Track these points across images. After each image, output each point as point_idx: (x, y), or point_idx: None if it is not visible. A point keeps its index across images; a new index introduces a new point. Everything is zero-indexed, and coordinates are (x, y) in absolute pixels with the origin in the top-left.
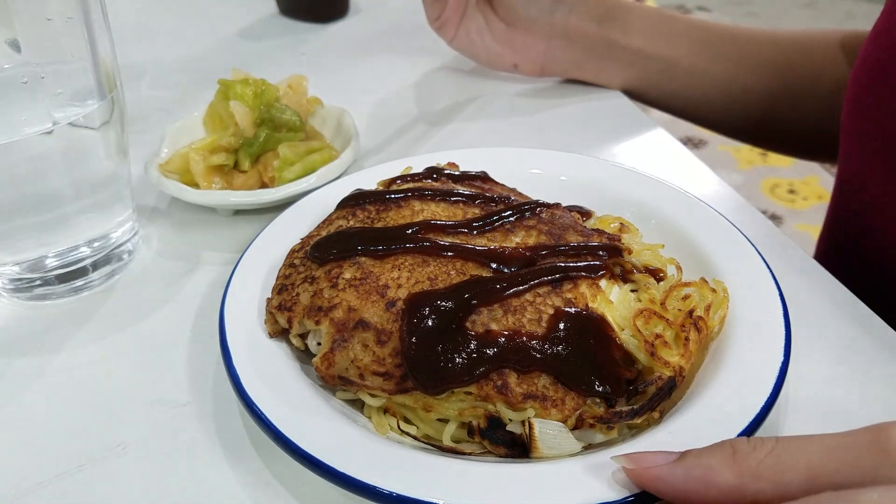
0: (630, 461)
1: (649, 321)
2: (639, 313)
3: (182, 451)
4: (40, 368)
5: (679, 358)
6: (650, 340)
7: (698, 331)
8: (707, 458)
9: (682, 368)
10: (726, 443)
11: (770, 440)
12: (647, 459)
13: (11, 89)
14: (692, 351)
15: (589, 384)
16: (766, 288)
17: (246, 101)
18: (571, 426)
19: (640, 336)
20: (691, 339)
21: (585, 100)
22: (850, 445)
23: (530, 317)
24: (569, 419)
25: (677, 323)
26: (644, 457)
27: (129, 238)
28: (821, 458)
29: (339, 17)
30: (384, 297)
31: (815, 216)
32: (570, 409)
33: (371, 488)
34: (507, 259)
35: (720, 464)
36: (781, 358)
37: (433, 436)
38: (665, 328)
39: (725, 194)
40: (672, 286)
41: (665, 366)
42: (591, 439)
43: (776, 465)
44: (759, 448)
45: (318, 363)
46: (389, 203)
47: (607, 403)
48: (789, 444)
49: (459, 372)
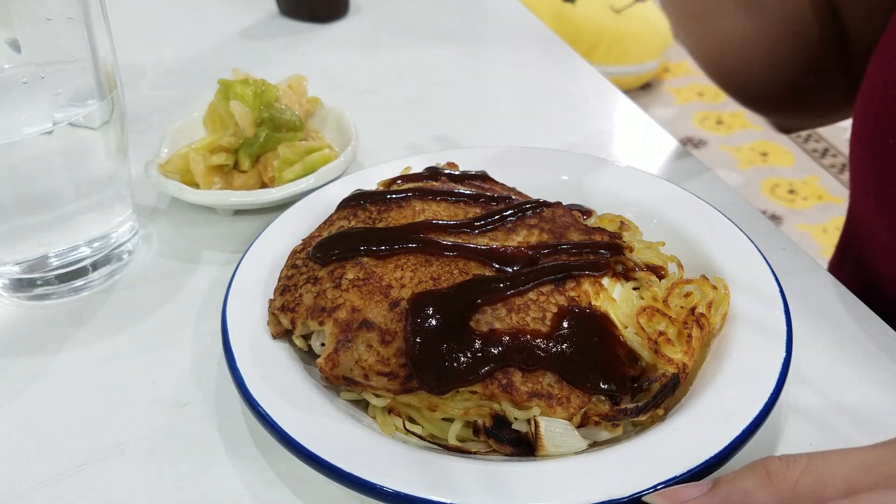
0: (665, 499)
1: (652, 318)
2: (641, 311)
3: (182, 451)
4: (40, 368)
5: (682, 355)
6: (653, 338)
7: (700, 328)
8: (741, 482)
9: (685, 365)
10: (758, 464)
11: (802, 457)
12: (681, 494)
13: (11, 89)
14: (695, 348)
15: (594, 382)
16: (768, 287)
17: (246, 101)
18: (577, 424)
19: (643, 334)
20: (694, 336)
21: (586, 100)
22: (884, 458)
23: (534, 315)
24: (574, 417)
25: (679, 320)
26: (678, 492)
27: (129, 238)
28: (858, 473)
29: (339, 17)
30: (388, 297)
31: (815, 216)
32: (575, 406)
33: (376, 487)
34: (509, 258)
35: (756, 487)
36: (783, 356)
37: (438, 435)
38: (668, 325)
39: (725, 194)
40: (674, 283)
41: (668, 363)
42: (596, 437)
43: (814, 483)
44: (793, 466)
45: (322, 364)
46: (391, 203)
47: (612, 401)
48: (824, 460)
49: (464, 371)
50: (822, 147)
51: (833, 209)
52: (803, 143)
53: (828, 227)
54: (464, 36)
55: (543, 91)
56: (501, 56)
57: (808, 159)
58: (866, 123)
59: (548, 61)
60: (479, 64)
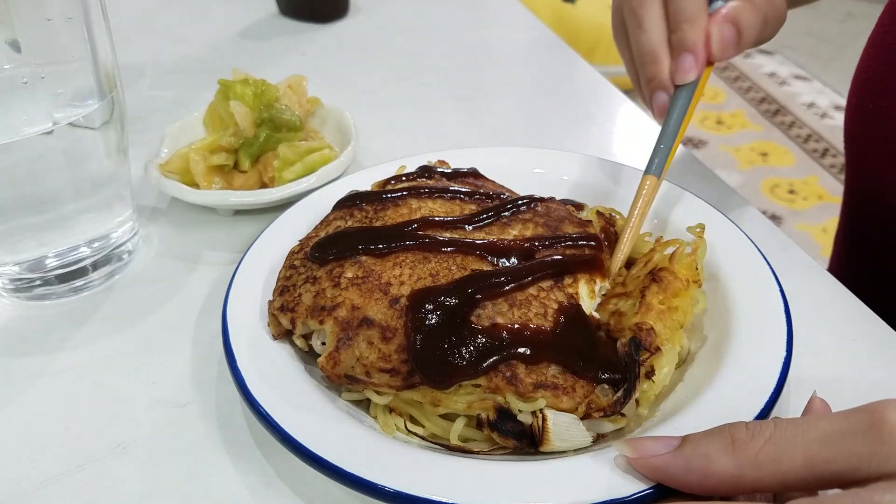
0: (631, 449)
1: (605, 307)
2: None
3: (182, 450)
4: (40, 368)
5: (634, 317)
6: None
7: (659, 281)
8: (706, 446)
9: (640, 325)
10: (725, 429)
11: (768, 426)
12: (649, 448)
13: (11, 89)
14: (650, 301)
15: (596, 371)
16: (768, 286)
17: (246, 101)
18: (581, 415)
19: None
20: (649, 293)
21: (585, 99)
22: (847, 432)
23: (535, 310)
24: (579, 407)
25: (637, 290)
26: (645, 444)
27: (129, 238)
28: (818, 447)
29: (339, 17)
30: (387, 295)
31: (815, 216)
32: (580, 396)
33: (377, 487)
34: (506, 251)
35: (719, 453)
36: (784, 355)
37: (440, 435)
38: (621, 302)
39: (725, 194)
40: (640, 260)
41: (624, 333)
42: (600, 429)
43: (774, 454)
44: (757, 436)
45: (324, 362)
46: (387, 202)
47: (614, 389)
48: (786, 432)
49: (467, 364)
50: (822, 147)
51: (833, 209)
52: (803, 142)
53: (828, 227)
54: (464, 36)
55: (543, 91)
56: (501, 56)
57: (808, 159)
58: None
59: (548, 61)
60: (479, 64)
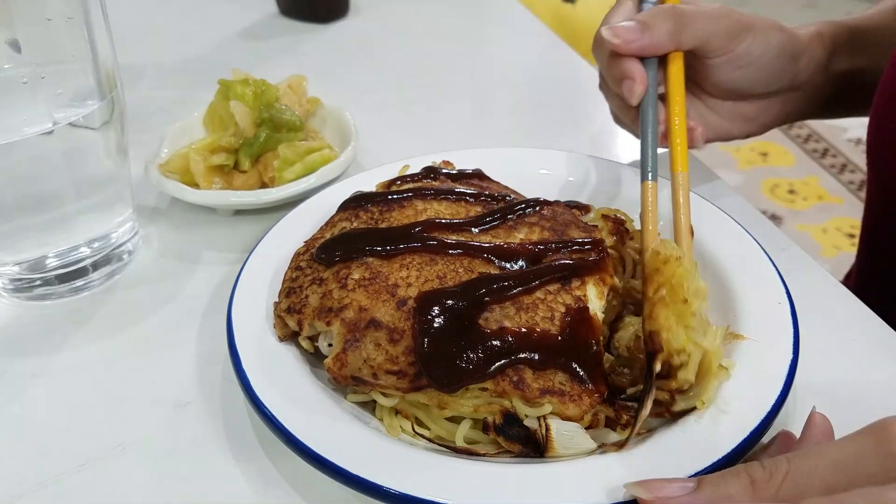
0: (645, 490)
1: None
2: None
3: (183, 451)
4: (40, 368)
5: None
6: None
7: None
8: (725, 487)
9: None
10: (741, 470)
11: (782, 463)
12: (663, 489)
13: (11, 89)
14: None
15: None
16: (774, 287)
17: (246, 102)
18: (587, 424)
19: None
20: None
21: (585, 100)
22: (858, 455)
23: (543, 315)
24: (585, 416)
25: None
26: (659, 486)
27: (129, 238)
28: (834, 476)
29: (339, 17)
30: (395, 297)
31: (815, 216)
32: (587, 405)
33: (381, 489)
34: (513, 255)
35: (740, 493)
36: (790, 358)
37: (446, 437)
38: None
39: (725, 194)
40: None
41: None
42: (605, 438)
43: (794, 490)
44: (775, 474)
45: (331, 364)
46: (392, 203)
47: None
48: (801, 465)
49: (474, 368)
50: (822, 147)
51: (833, 209)
52: (803, 142)
53: (828, 227)
54: (464, 36)
55: (543, 91)
56: (501, 56)
57: (808, 159)
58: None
59: (548, 61)
60: (479, 64)
